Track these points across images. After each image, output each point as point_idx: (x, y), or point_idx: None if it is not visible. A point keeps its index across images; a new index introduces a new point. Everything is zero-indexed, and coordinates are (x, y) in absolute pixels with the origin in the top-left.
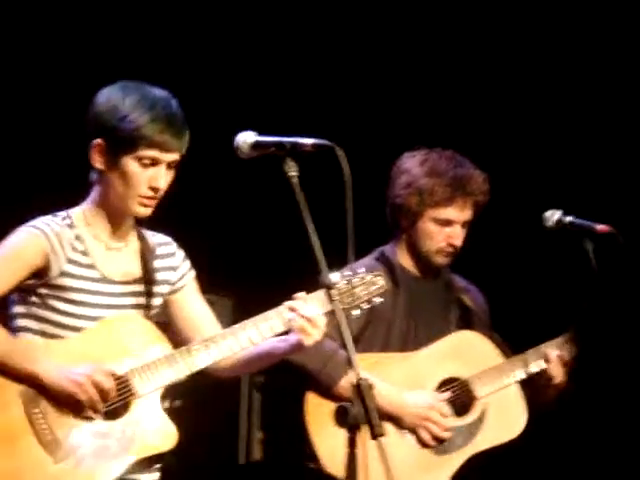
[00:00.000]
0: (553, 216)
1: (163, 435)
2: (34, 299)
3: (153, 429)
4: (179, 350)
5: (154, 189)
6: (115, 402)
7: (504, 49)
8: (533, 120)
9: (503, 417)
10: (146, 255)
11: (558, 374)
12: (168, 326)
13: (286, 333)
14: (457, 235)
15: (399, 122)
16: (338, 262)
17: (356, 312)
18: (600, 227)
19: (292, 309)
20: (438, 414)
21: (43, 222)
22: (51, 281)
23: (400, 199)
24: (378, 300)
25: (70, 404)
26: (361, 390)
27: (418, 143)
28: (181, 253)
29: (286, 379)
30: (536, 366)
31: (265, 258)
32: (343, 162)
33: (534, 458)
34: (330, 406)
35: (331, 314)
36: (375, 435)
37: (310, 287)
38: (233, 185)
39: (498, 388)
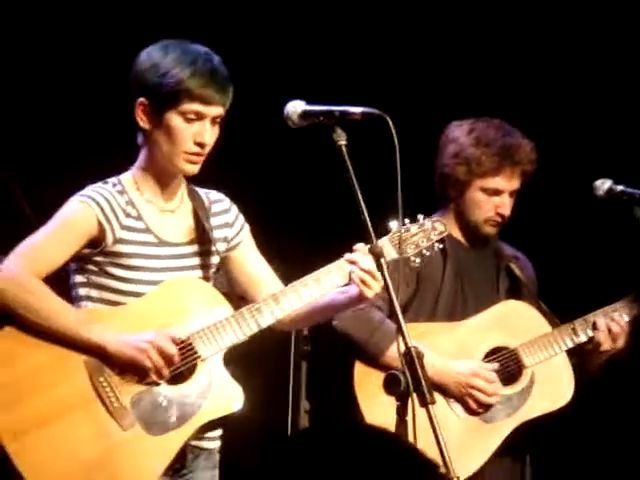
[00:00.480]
0: (604, 185)
1: (229, 396)
2: (92, 267)
3: (219, 391)
4: (240, 311)
5: (200, 144)
6: (180, 366)
7: (552, 23)
8: (585, 90)
9: (551, 386)
10: (200, 214)
11: (606, 342)
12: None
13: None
14: (505, 204)
15: (447, 91)
16: (386, 232)
17: (418, 259)
18: None
19: (352, 262)
20: (482, 381)
21: (93, 190)
22: (107, 249)
23: (448, 169)
24: (439, 246)
25: (135, 371)
26: (412, 358)
27: (466, 112)
28: (235, 208)
29: (333, 348)
30: (584, 335)
31: (314, 227)
32: (393, 131)
33: (582, 427)
34: (378, 375)
35: (390, 265)
36: (425, 403)
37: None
38: (282, 153)
39: (546, 357)
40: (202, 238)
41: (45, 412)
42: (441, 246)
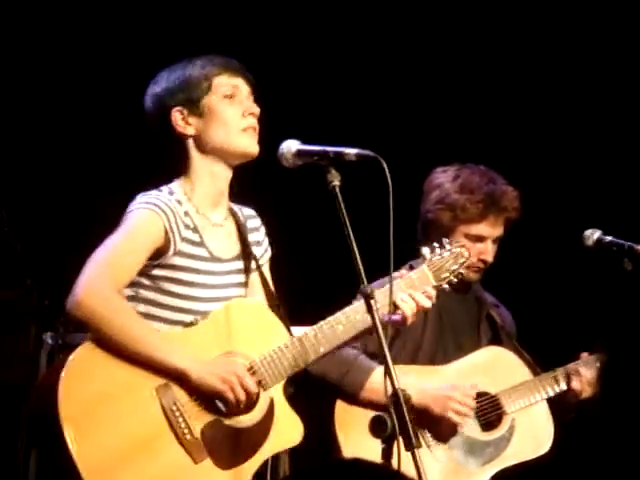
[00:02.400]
0: (593, 235)
1: (292, 428)
2: (144, 281)
3: (282, 423)
4: (298, 337)
5: (251, 114)
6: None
7: (543, 71)
8: (578, 139)
9: (531, 434)
10: (242, 229)
11: (584, 390)
12: None
13: None
14: (488, 251)
15: (431, 136)
16: (373, 273)
17: (446, 286)
18: None
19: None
20: (461, 393)
21: (157, 199)
22: (165, 261)
23: (432, 214)
24: (462, 272)
25: (210, 400)
26: (399, 401)
27: (450, 158)
28: (264, 228)
29: (314, 389)
30: (565, 384)
31: (305, 267)
32: (387, 173)
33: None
34: (358, 413)
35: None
36: (411, 447)
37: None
38: (276, 193)
39: (527, 404)
40: (245, 254)
41: (121, 444)
42: (463, 272)
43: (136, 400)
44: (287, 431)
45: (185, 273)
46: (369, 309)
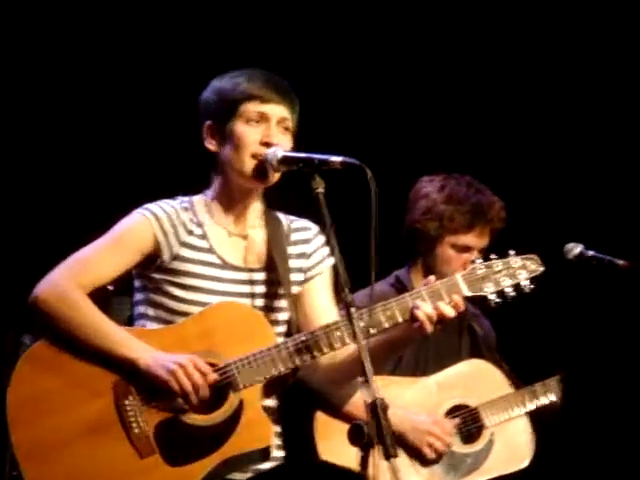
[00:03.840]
0: (574, 249)
1: (258, 432)
2: (149, 285)
3: (249, 425)
4: (283, 342)
5: (267, 144)
6: (210, 395)
7: (527, 83)
8: (562, 152)
9: (510, 448)
10: (275, 242)
11: None
12: None
13: None
14: None
15: (416, 145)
16: (357, 281)
17: (498, 299)
18: (621, 262)
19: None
20: (441, 429)
21: (156, 204)
22: (164, 265)
23: (419, 224)
24: (528, 286)
25: (162, 393)
26: (377, 409)
27: (435, 167)
28: (319, 240)
29: (294, 400)
30: (545, 398)
31: None
32: (371, 182)
33: None
34: (338, 425)
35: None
36: (388, 455)
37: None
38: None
39: (506, 418)
40: (270, 266)
41: (64, 432)
42: (532, 286)
43: (89, 393)
44: (252, 434)
45: (188, 278)
46: (349, 317)
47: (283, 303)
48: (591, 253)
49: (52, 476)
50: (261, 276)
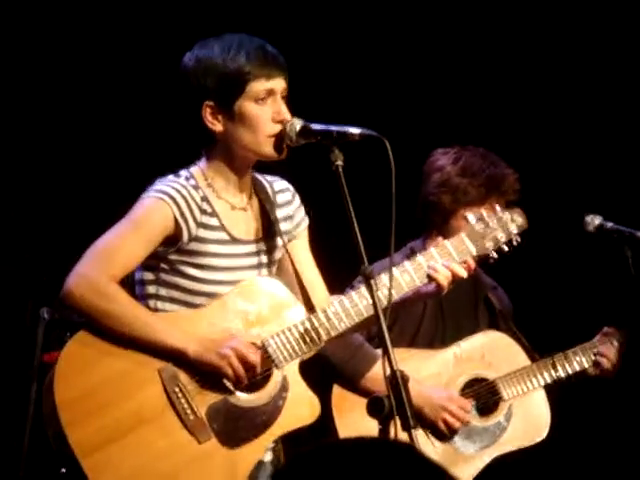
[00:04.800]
0: (594, 221)
1: (306, 406)
2: (164, 265)
3: (295, 401)
4: (315, 314)
5: (281, 122)
6: (257, 375)
7: (544, 54)
8: (581, 124)
9: (529, 421)
10: (267, 208)
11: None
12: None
13: None
14: None
15: (432, 117)
16: (374, 253)
17: (495, 256)
18: None
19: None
20: (457, 406)
21: (168, 186)
22: (182, 247)
23: (433, 197)
24: (518, 240)
25: (213, 378)
26: (397, 381)
27: (451, 139)
28: (297, 200)
29: (311, 372)
30: (563, 371)
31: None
32: (390, 153)
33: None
34: (356, 398)
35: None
36: (408, 427)
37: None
38: (278, 171)
39: (524, 391)
40: (269, 234)
41: (119, 425)
42: (519, 240)
43: (136, 384)
44: (300, 410)
45: (204, 257)
46: (369, 289)
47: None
48: (610, 225)
49: (115, 469)
50: (263, 245)
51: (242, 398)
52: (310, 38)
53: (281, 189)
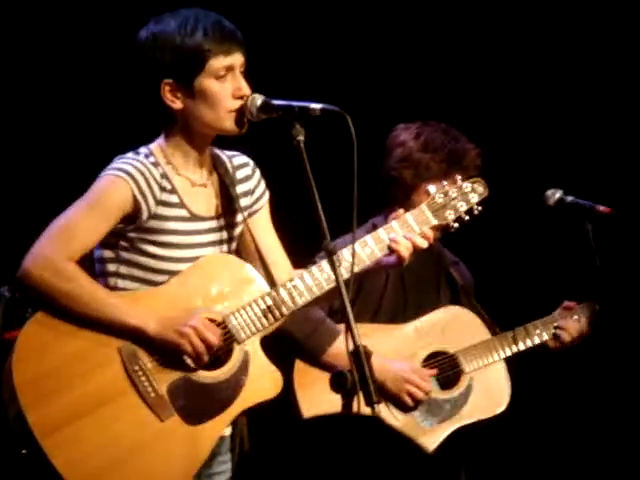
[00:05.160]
0: (554, 195)
1: (269, 381)
2: (123, 243)
3: (258, 376)
4: (275, 288)
5: (241, 97)
6: (217, 351)
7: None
8: (540, 98)
9: (489, 393)
10: (227, 184)
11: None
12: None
13: None
14: None
15: (394, 92)
16: (336, 229)
17: (456, 224)
18: (602, 208)
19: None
20: (418, 377)
21: (127, 163)
22: (142, 225)
23: (395, 172)
24: (479, 209)
25: (173, 356)
26: (359, 356)
27: (413, 114)
28: (257, 174)
29: (273, 347)
30: (523, 344)
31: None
32: (351, 128)
33: (517, 436)
34: (318, 374)
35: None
36: (371, 402)
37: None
38: (239, 146)
39: (485, 364)
40: (229, 210)
41: (79, 405)
42: (480, 209)
43: (96, 363)
44: (262, 384)
45: (164, 235)
46: (331, 265)
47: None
48: (570, 199)
49: (75, 448)
50: (224, 221)
51: (203, 375)
52: (270, 11)
53: (240, 164)
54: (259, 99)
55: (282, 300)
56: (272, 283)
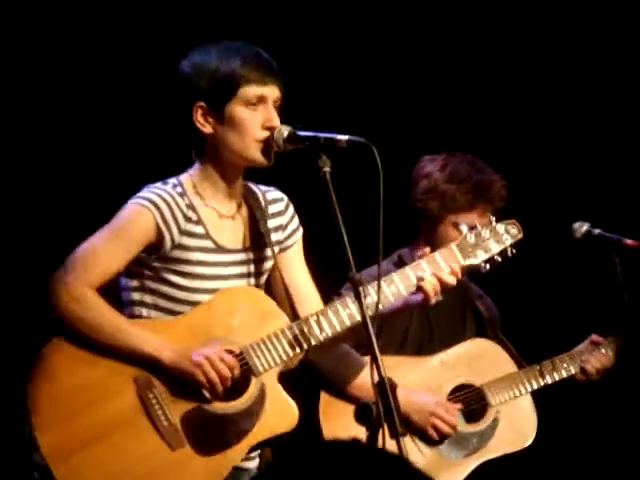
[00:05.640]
0: (581, 227)
1: (284, 414)
2: (147, 272)
3: (273, 408)
4: (296, 322)
5: (270, 129)
6: (233, 383)
7: (533, 62)
8: (568, 130)
9: (515, 427)
10: (257, 217)
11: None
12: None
13: None
14: None
15: (420, 124)
16: (361, 260)
17: (488, 266)
18: (629, 241)
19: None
20: (444, 410)
21: (153, 192)
22: (165, 254)
23: (421, 203)
24: (513, 251)
25: (188, 386)
26: (385, 388)
27: (439, 146)
28: (291, 210)
29: (299, 379)
30: (550, 377)
31: None
32: (377, 160)
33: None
34: (343, 406)
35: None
36: (396, 434)
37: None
38: (265, 177)
39: (511, 397)
40: (258, 243)
41: (92, 431)
42: (515, 251)
43: (111, 391)
44: (278, 418)
45: (188, 265)
46: (357, 296)
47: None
48: (598, 232)
49: (85, 475)
50: (252, 255)
51: (218, 406)
52: (300, 46)
53: (274, 198)
54: (286, 130)
55: (302, 334)
56: (297, 319)
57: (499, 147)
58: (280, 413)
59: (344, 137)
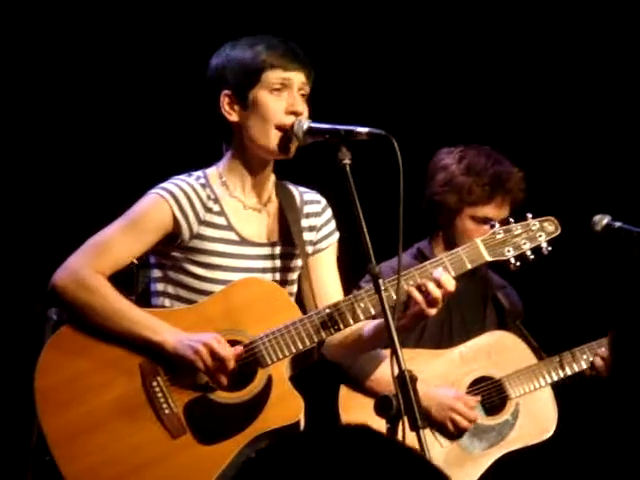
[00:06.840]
0: (602, 220)
1: (289, 406)
2: (169, 263)
3: (279, 400)
4: (309, 315)
5: (294, 113)
6: (237, 372)
7: (554, 52)
8: (588, 122)
9: (535, 419)
10: (288, 214)
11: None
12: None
13: None
14: None
15: (439, 116)
16: (381, 252)
17: (518, 263)
18: None
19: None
20: (463, 404)
21: (173, 183)
22: (184, 244)
23: (438, 196)
24: (547, 248)
25: (190, 373)
26: (405, 381)
27: (456, 137)
28: (328, 213)
29: (318, 372)
30: (570, 369)
31: None
32: (397, 152)
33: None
34: (363, 398)
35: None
36: (417, 427)
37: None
38: (285, 170)
39: (531, 389)
40: (286, 239)
41: (93, 417)
42: (550, 248)
43: (115, 376)
44: (281, 410)
45: (208, 256)
46: (376, 289)
47: (296, 276)
48: (618, 224)
49: (85, 460)
50: (278, 250)
51: (221, 395)
52: (319, 41)
53: (311, 200)
54: (305, 123)
55: (313, 328)
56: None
57: (518, 139)
58: (284, 406)
59: (364, 129)
